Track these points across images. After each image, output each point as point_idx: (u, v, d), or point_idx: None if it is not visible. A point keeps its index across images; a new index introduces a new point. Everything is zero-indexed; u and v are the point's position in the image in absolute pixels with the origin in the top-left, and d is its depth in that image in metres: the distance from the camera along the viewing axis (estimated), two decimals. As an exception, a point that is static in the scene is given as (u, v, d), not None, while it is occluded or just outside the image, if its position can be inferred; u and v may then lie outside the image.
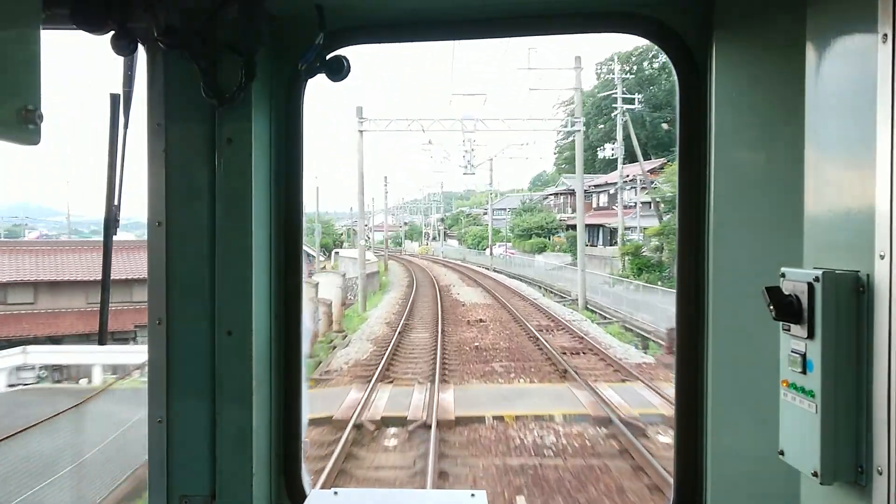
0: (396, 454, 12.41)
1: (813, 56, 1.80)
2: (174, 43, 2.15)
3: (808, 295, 1.64)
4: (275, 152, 2.46)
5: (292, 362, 2.52)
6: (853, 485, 1.59)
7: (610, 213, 63.06)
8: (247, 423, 2.30)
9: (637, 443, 12.00)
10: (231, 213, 2.28)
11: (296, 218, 2.51)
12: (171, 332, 2.30)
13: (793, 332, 1.71)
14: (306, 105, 2.51)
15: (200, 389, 2.30)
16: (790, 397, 1.72)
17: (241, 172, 2.27)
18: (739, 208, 2.18)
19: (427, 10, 2.46)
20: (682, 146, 2.34)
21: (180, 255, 2.30)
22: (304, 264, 2.67)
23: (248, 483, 2.31)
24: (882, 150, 1.49)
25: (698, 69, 2.28)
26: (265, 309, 2.41)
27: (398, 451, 12.54)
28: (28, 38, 1.48)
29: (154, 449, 2.32)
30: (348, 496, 2.47)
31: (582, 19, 2.45)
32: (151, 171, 2.30)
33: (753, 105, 2.16)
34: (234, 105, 2.21)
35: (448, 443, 12.75)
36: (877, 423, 1.53)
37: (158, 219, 2.30)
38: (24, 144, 1.43)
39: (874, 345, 1.53)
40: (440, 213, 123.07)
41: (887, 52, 1.48)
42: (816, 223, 1.77)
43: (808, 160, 1.81)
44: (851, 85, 1.65)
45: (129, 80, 2.24)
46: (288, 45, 2.38)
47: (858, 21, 1.60)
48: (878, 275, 1.51)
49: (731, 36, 2.19)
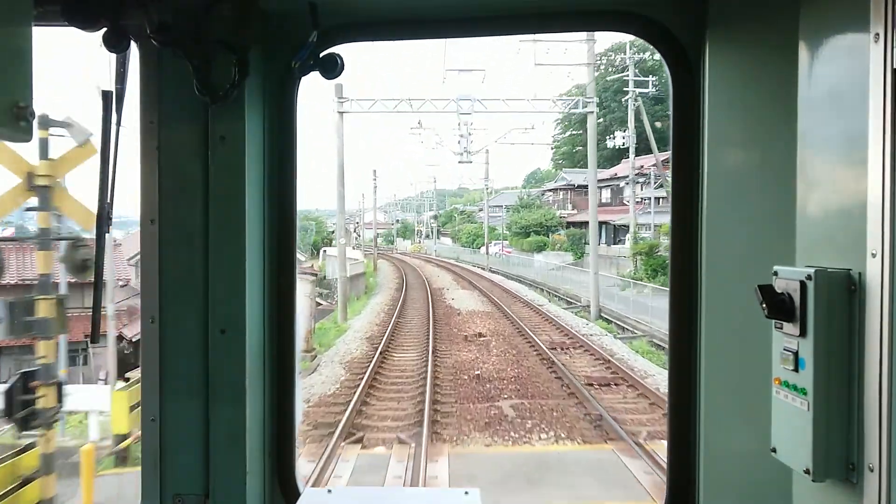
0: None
1: (806, 55, 1.82)
2: (167, 40, 2.14)
3: (800, 293, 1.66)
4: (268, 150, 2.47)
5: (286, 361, 2.53)
6: (845, 482, 1.61)
7: (615, 210, 58.47)
8: (240, 422, 2.31)
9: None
10: (224, 210, 2.30)
11: (290, 216, 2.52)
12: (164, 331, 2.31)
13: (785, 331, 1.73)
14: (300, 102, 2.56)
15: (194, 388, 2.30)
16: (782, 395, 1.74)
17: (234, 170, 2.29)
18: (732, 206, 2.20)
19: (421, 7, 2.48)
20: (675, 144, 2.36)
21: (173, 253, 2.31)
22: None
23: (241, 482, 2.31)
24: (874, 148, 1.52)
25: (691, 68, 2.29)
26: (259, 307, 2.43)
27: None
28: (19, 35, 1.45)
29: (147, 448, 2.33)
30: (342, 494, 2.57)
31: (576, 18, 2.50)
32: (144, 169, 2.30)
33: (746, 104, 2.17)
34: (227, 103, 2.21)
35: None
36: (868, 420, 1.55)
37: (151, 216, 2.30)
38: (16, 141, 1.47)
39: (866, 343, 1.56)
40: (433, 210, 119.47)
41: (879, 51, 1.51)
42: (809, 221, 1.79)
43: (801, 159, 1.83)
44: (844, 84, 1.66)
45: (121, 77, 2.23)
46: (281, 43, 2.39)
47: (851, 20, 1.61)
48: (870, 273, 1.53)
49: (725, 35, 2.19)
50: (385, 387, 16.56)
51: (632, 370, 17.87)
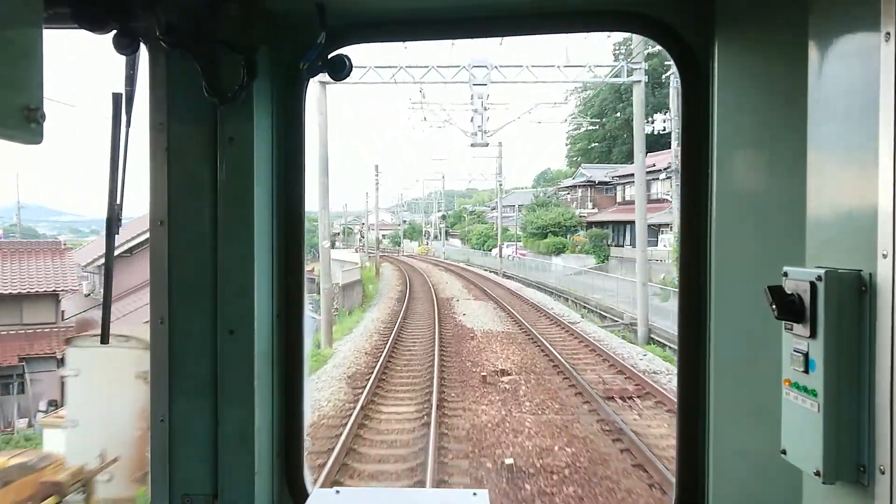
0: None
1: (815, 54, 1.80)
2: (175, 42, 2.16)
3: (810, 294, 1.65)
4: (276, 151, 2.49)
5: (294, 361, 2.54)
6: (855, 484, 1.59)
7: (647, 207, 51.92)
8: (249, 423, 2.32)
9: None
10: (233, 212, 2.31)
11: (298, 217, 2.53)
12: (174, 332, 2.33)
13: (795, 332, 1.72)
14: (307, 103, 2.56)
15: (202, 389, 2.32)
16: (792, 396, 1.73)
17: (242, 171, 2.30)
18: (741, 207, 2.20)
19: (428, 8, 2.49)
20: (684, 145, 2.40)
21: (182, 255, 2.33)
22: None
23: (250, 482, 2.33)
24: (885, 148, 1.50)
25: (700, 68, 2.30)
26: (267, 308, 2.43)
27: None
28: (30, 37, 1.46)
29: (156, 448, 2.34)
30: (350, 495, 2.51)
31: (583, 17, 2.50)
32: (153, 171, 2.33)
33: (755, 104, 2.18)
34: (235, 104, 2.23)
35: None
36: (879, 422, 1.53)
37: (161, 218, 2.33)
38: (26, 143, 1.44)
39: (877, 344, 1.54)
40: (441, 210, 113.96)
41: (890, 50, 1.49)
42: (819, 222, 1.79)
43: (811, 159, 1.82)
44: (854, 83, 1.65)
45: (131, 79, 2.25)
46: (289, 44, 2.41)
47: (861, 19, 1.60)
48: (881, 274, 1.52)
49: (733, 35, 2.19)
50: (360, 485, 10.11)
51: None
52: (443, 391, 15.47)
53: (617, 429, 12.47)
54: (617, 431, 12.39)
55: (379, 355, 19.54)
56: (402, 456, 11.43)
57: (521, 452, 11.52)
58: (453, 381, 16.68)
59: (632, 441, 11.64)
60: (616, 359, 18.86)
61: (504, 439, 12.18)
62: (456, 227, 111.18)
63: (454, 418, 13.48)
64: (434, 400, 14.28)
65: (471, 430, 12.74)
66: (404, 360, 19.55)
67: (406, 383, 16.58)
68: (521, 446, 11.81)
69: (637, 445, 11.38)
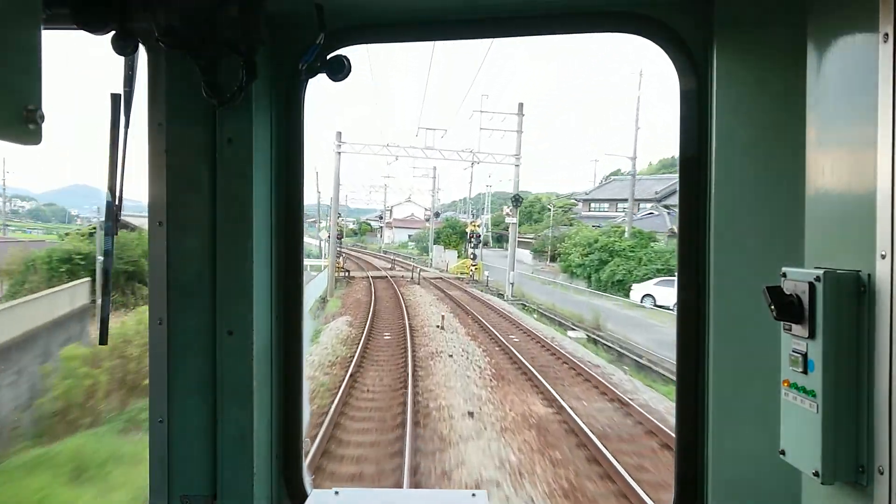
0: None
1: (814, 55, 1.81)
2: (174, 43, 2.15)
3: (809, 294, 1.64)
4: (275, 152, 2.48)
5: (293, 362, 2.54)
6: (854, 484, 1.59)
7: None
8: (247, 423, 2.32)
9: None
10: (232, 212, 2.30)
11: (296, 217, 2.53)
12: (172, 332, 2.32)
13: (794, 332, 1.70)
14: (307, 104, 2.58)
15: (201, 389, 2.32)
16: (791, 397, 1.73)
17: (241, 172, 2.30)
18: (740, 207, 2.20)
19: (427, 9, 2.49)
20: (683, 146, 2.37)
21: (181, 255, 2.32)
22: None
23: (248, 483, 2.31)
24: (883, 149, 1.50)
25: (699, 69, 2.30)
26: (266, 309, 2.43)
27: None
28: (28, 38, 1.46)
29: (155, 448, 2.32)
30: (349, 496, 2.48)
31: (582, 19, 2.50)
32: (152, 171, 2.31)
33: (754, 105, 2.19)
34: (234, 105, 2.22)
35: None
36: (878, 422, 1.53)
37: (159, 218, 2.30)
38: (25, 144, 1.44)
39: (875, 344, 1.55)
40: (489, 213, 78.69)
41: (888, 51, 1.50)
42: (817, 222, 1.77)
43: (809, 159, 1.81)
44: (853, 84, 1.65)
45: (129, 80, 2.25)
46: (288, 45, 2.41)
47: (859, 20, 1.61)
48: (880, 274, 1.52)
49: (732, 36, 2.21)
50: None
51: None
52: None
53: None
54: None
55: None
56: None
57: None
58: None
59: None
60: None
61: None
62: (525, 228, 68.23)
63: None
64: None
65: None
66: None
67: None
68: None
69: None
